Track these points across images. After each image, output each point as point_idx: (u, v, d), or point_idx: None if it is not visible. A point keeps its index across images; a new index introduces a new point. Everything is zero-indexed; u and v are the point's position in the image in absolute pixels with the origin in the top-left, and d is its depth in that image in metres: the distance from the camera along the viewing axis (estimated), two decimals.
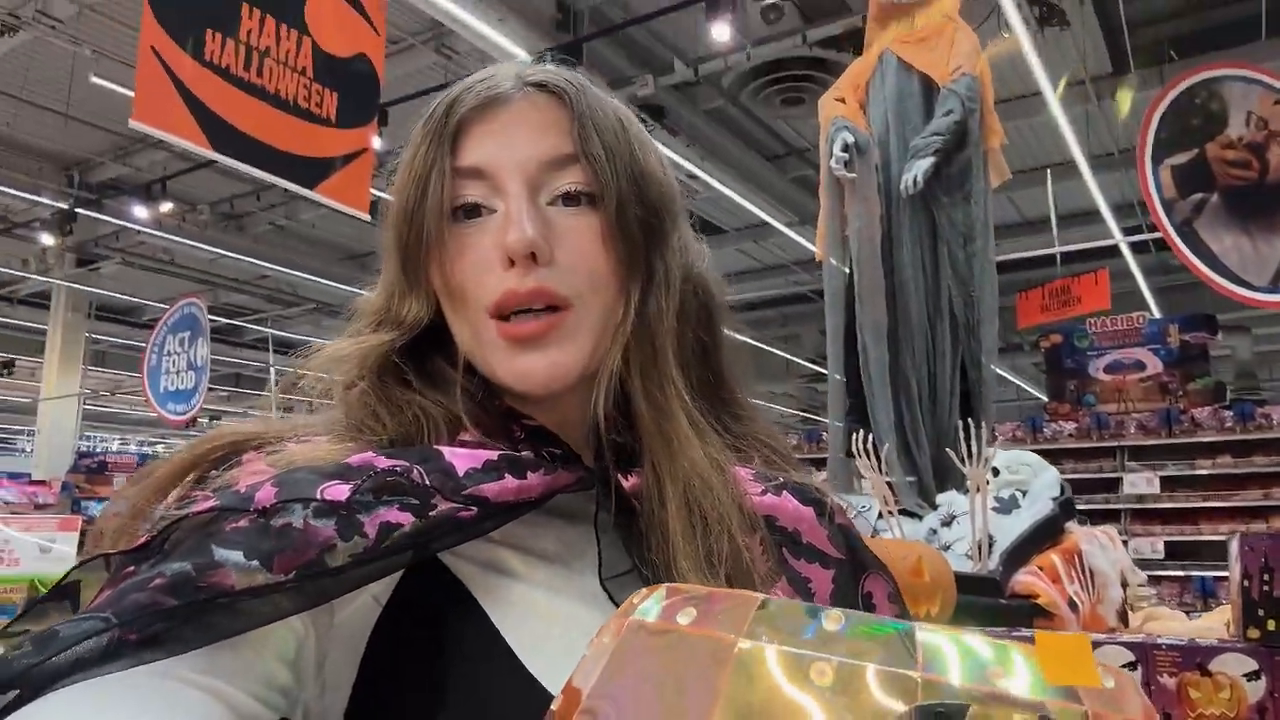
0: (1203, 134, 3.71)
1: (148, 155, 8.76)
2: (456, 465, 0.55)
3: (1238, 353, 12.08)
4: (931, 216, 2.96)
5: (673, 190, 0.68)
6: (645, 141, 0.68)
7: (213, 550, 0.46)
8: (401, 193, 0.64)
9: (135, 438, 22.08)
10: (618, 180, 0.62)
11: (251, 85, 3.75)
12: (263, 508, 0.49)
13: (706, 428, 0.64)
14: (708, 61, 6.73)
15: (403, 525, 0.51)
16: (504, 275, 0.60)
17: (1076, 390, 8.27)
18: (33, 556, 3.04)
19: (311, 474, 0.52)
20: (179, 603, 0.44)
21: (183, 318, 7.70)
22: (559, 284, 0.60)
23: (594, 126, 0.63)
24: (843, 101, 3.06)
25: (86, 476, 7.23)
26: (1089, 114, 7.89)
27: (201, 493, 0.55)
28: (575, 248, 0.61)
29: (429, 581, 0.57)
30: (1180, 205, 3.57)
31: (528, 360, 0.61)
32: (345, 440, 0.60)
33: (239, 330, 13.95)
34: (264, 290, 12.64)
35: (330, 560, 0.48)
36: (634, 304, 0.63)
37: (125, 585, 0.45)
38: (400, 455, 0.55)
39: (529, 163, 0.62)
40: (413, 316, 0.64)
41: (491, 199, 0.62)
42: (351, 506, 0.50)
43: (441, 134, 0.63)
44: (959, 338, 2.91)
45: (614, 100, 0.69)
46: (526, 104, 0.64)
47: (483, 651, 0.55)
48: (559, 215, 0.62)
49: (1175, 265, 11.43)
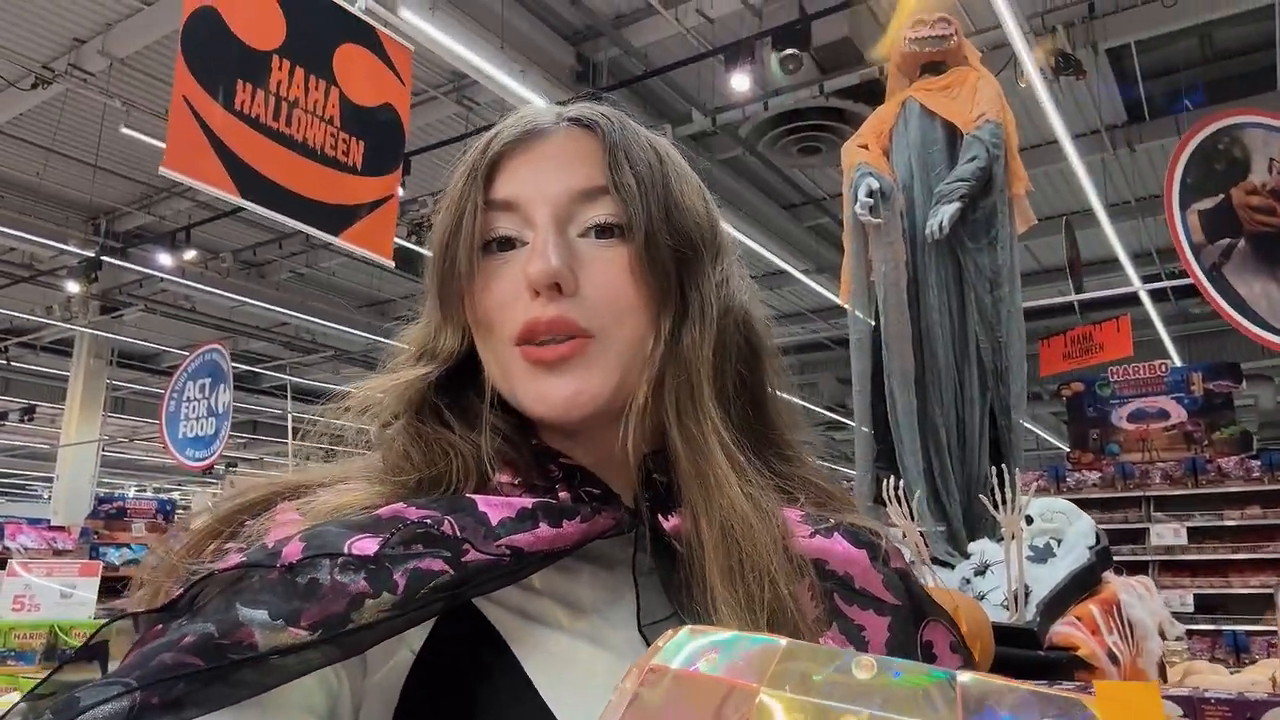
0: (1227, 179, 3.70)
1: (173, 204, 8.91)
2: (490, 515, 0.55)
3: (1261, 402, 11.97)
4: (958, 262, 2.96)
5: (711, 222, 0.67)
6: (685, 174, 0.67)
7: (238, 610, 0.46)
8: (440, 227, 0.64)
9: (151, 484, 22.13)
10: (648, 211, 0.61)
11: (280, 134, 3.81)
12: (289, 564, 0.48)
13: (747, 467, 0.61)
14: (725, 111, 6.81)
15: (434, 577, 0.50)
16: (529, 305, 0.60)
17: (1099, 439, 8.17)
18: (53, 602, 3.03)
19: (340, 528, 0.52)
20: (203, 664, 0.43)
21: (204, 364, 7.74)
22: (581, 315, 0.60)
23: (626, 158, 0.62)
24: (866, 148, 3.07)
25: (105, 522, 7.22)
26: (1105, 162, 7.92)
27: (234, 545, 0.55)
28: (602, 280, 0.61)
29: (463, 628, 0.56)
30: (1209, 250, 3.56)
31: (549, 384, 0.60)
32: (376, 484, 0.60)
33: (257, 377, 14.03)
34: (283, 337, 12.73)
35: (358, 615, 0.47)
36: (664, 336, 0.61)
37: (150, 647, 0.45)
38: (432, 506, 0.54)
39: (559, 195, 0.62)
40: (447, 349, 0.64)
41: (523, 231, 0.62)
42: (381, 560, 0.49)
43: (477, 168, 0.63)
44: (987, 384, 2.88)
45: (655, 134, 0.68)
46: (562, 138, 0.64)
47: (516, 705, 0.54)
48: (589, 247, 0.61)
49: (1195, 314, 11.41)
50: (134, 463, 18.70)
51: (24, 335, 12.20)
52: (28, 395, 13.94)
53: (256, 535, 0.55)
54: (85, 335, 11.14)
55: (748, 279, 0.71)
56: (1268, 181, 3.86)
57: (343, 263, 9.99)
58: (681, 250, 0.63)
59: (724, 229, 0.69)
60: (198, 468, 7.40)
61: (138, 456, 17.50)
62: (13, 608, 2.97)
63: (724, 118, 6.87)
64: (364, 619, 0.47)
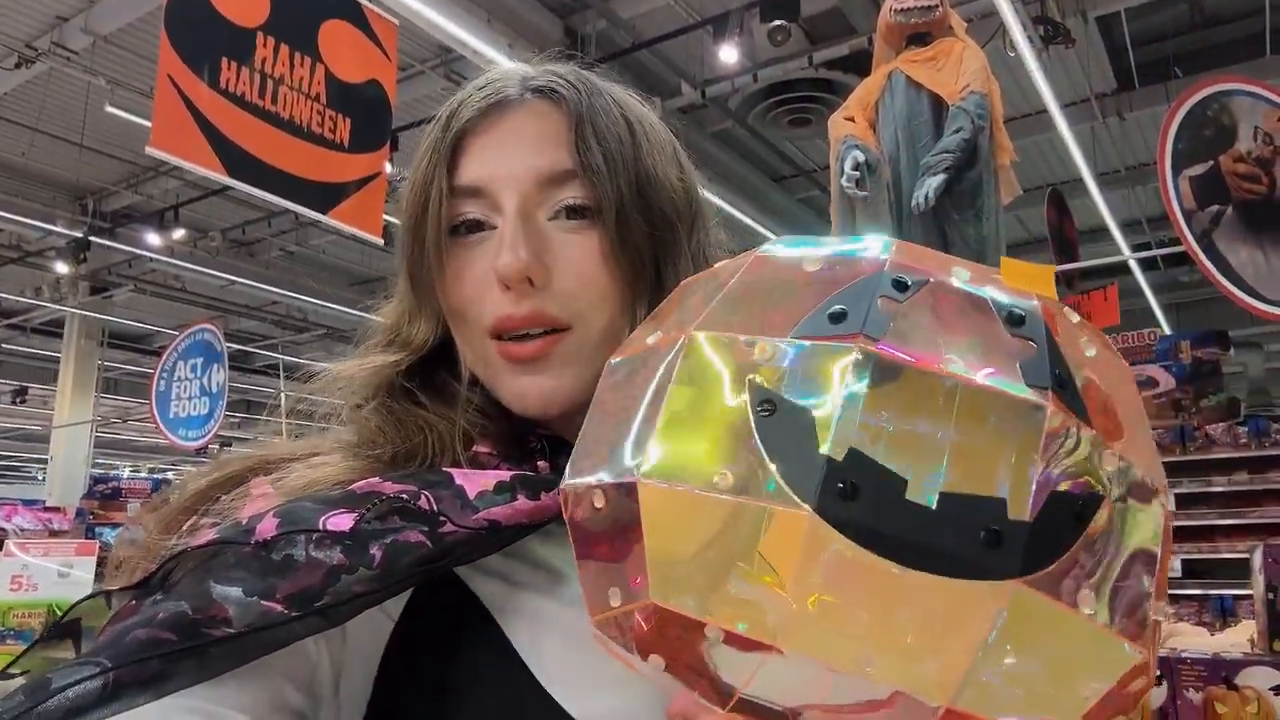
0: (1216, 146, 3.71)
1: (160, 183, 8.85)
2: (467, 487, 0.54)
3: (1250, 369, 12.05)
4: (943, 233, 2.97)
5: (686, 192, 0.65)
6: (657, 141, 0.65)
7: (210, 587, 0.45)
8: (408, 209, 0.62)
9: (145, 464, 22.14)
10: (619, 193, 0.59)
11: (266, 112, 3.79)
12: (264, 540, 0.48)
13: None
14: (714, 84, 6.78)
15: (412, 551, 0.49)
16: (501, 298, 0.59)
17: None
18: (51, 582, 3.06)
19: (315, 503, 0.51)
20: (177, 642, 0.43)
21: (195, 344, 7.73)
22: (556, 307, 0.59)
23: (595, 135, 0.60)
24: (852, 120, 3.08)
25: (100, 502, 7.25)
26: (1095, 131, 7.91)
27: (208, 520, 0.54)
28: (574, 268, 0.59)
29: (443, 596, 0.56)
30: (1199, 216, 3.57)
31: (525, 382, 0.59)
32: (350, 460, 0.59)
33: (249, 356, 14.00)
34: (274, 316, 12.69)
35: (334, 589, 0.47)
36: (640, 320, 0.59)
37: (124, 625, 0.44)
38: (408, 479, 0.54)
39: (525, 179, 0.59)
40: (421, 337, 0.63)
41: (491, 215, 0.60)
42: (357, 535, 0.49)
43: (440, 148, 0.61)
44: None
45: (628, 98, 0.66)
46: (526, 113, 0.62)
47: (499, 672, 0.54)
48: (558, 232, 0.60)
49: (1184, 281, 11.44)
50: (128, 443, 18.69)
51: (14, 317, 12.15)
52: (19, 377, 13.90)
53: (230, 510, 0.55)
54: (75, 316, 11.10)
55: (725, 245, 0.70)
56: (1253, 149, 3.87)
57: (332, 241, 9.95)
58: (655, 229, 0.61)
59: (700, 195, 0.67)
60: (191, 448, 7.42)
61: (132, 437, 17.49)
62: (10, 588, 2.99)
63: (713, 90, 6.84)
64: (341, 594, 0.47)
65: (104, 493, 7.49)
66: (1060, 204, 6.63)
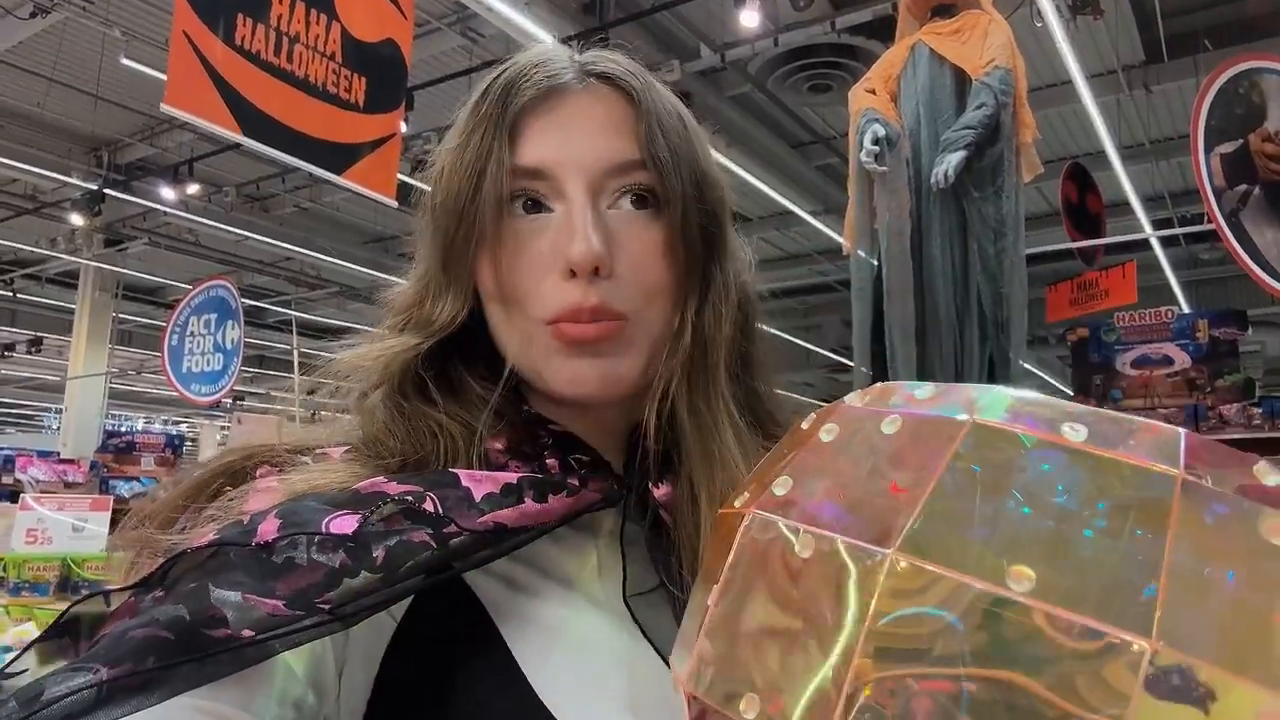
0: (1245, 124, 3.65)
1: (175, 136, 8.82)
2: (473, 490, 0.53)
3: (1268, 348, 11.94)
4: (962, 211, 2.94)
5: (728, 193, 0.65)
6: (700, 136, 0.64)
7: (210, 591, 0.44)
8: (450, 182, 0.59)
9: (159, 416, 22.34)
10: (682, 186, 0.59)
11: (281, 71, 3.76)
12: (264, 541, 0.47)
13: (751, 442, 0.61)
14: (735, 47, 6.69)
15: (416, 554, 0.49)
16: (565, 286, 0.57)
17: (1103, 385, 8.17)
18: (65, 536, 3.10)
19: (318, 503, 0.50)
20: (174, 650, 0.42)
21: (208, 299, 7.76)
22: (617, 298, 0.58)
23: (660, 128, 0.59)
24: (873, 93, 3.03)
25: (115, 456, 7.32)
26: (1120, 103, 7.78)
27: (212, 510, 0.54)
28: (636, 259, 0.58)
29: (445, 596, 0.55)
30: (1229, 195, 3.52)
31: (580, 365, 0.58)
32: (356, 462, 0.58)
33: (262, 312, 14.04)
34: (288, 272, 12.71)
35: (335, 592, 0.46)
36: (690, 317, 0.60)
37: (121, 627, 0.44)
38: (413, 480, 0.53)
39: (593, 166, 0.58)
40: (445, 317, 0.60)
41: (551, 199, 0.59)
42: (360, 538, 0.48)
43: (499, 123, 0.58)
44: (987, 335, 2.89)
45: (670, 93, 0.65)
46: (589, 98, 0.60)
47: (497, 680, 0.54)
48: (620, 221, 0.59)
49: (1204, 259, 11.32)
50: (142, 395, 18.84)
51: (29, 267, 12.19)
52: (34, 327, 13.99)
53: (236, 499, 0.54)
54: (90, 268, 11.13)
55: (744, 247, 0.69)
56: None
57: (347, 198, 9.92)
58: (708, 226, 0.61)
59: (731, 194, 0.66)
60: (205, 403, 7.48)
61: (145, 389, 17.63)
62: (26, 541, 3.04)
63: (733, 54, 6.74)
64: (343, 596, 0.46)
65: (118, 446, 7.56)
66: (1083, 177, 6.53)
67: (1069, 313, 7.34)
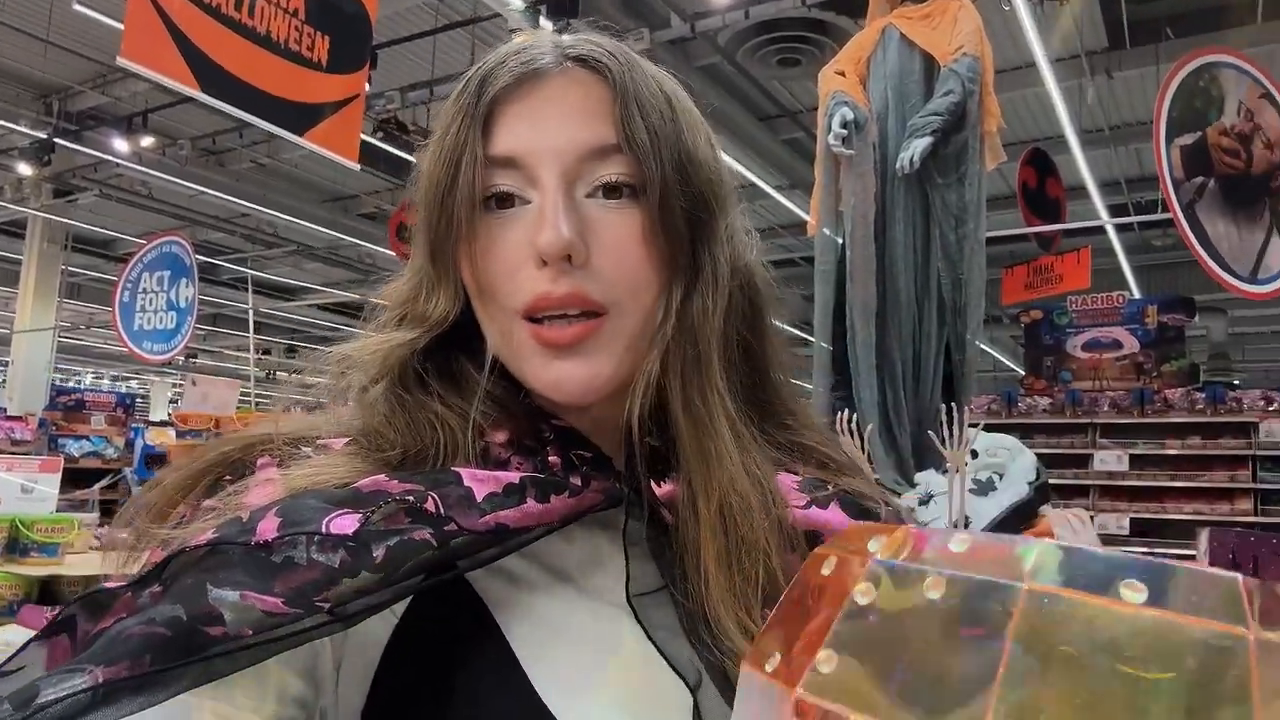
0: (1204, 117, 3.72)
1: (129, 86, 8.56)
2: (475, 489, 0.52)
3: (1212, 334, 12.22)
4: (925, 197, 2.97)
5: (722, 175, 0.62)
6: (694, 119, 0.62)
7: (208, 590, 0.44)
8: (432, 175, 0.59)
9: (109, 372, 21.90)
10: (662, 170, 0.56)
11: (242, 26, 3.67)
12: (264, 540, 0.46)
13: (748, 438, 0.60)
14: (705, 18, 6.64)
15: (417, 554, 0.48)
16: (537, 276, 0.56)
17: (1053, 366, 8.37)
18: (14, 497, 3.04)
19: (318, 501, 0.49)
20: (171, 649, 0.42)
21: (161, 256, 7.59)
22: (595, 289, 0.56)
23: (639, 110, 0.57)
24: (843, 75, 3.04)
25: (64, 414, 7.17)
26: (1081, 88, 7.88)
27: (214, 501, 0.53)
28: (614, 248, 0.57)
29: (446, 594, 0.54)
30: (1186, 186, 3.59)
31: (562, 368, 0.57)
32: (357, 456, 0.57)
33: (217, 269, 13.78)
34: (244, 229, 12.46)
35: (334, 591, 0.46)
36: (675, 306, 0.58)
37: (120, 626, 0.43)
38: (414, 479, 0.52)
39: (567, 152, 0.56)
40: (439, 312, 0.60)
41: (526, 189, 0.57)
42: (360, 537, 0.47)
43: (474, 114, 0.57)
44: (945, 320, 2.94)
45: (660, 71, 0.62)
46: (566, 82, 0.58)
47: (496, 677, 0.53)
48: (598, 209, 0.57)
49: (1156, 245, 11.54)
50: (91, 350, 18.45)
51: None
52: None
53: (236, 493, 0.53)
54: (38, 219, 10.82)
55: (750, 230, 0.67)
56: (1236, 124, 3.89)
57: (306, 155, 9.72)
58: (695, 211, 0.59)
59: (729, 176, 0.64)
60: (156, 361, 7.35)
61: (95, 344, 17.26)
62: None
63: (703, 24, 6.69)
64: (343, 595, 0.46)
65: (67, 404, 7.40)
66: (1043, 163, 6.60)
67: (1024, 295, 7.48)
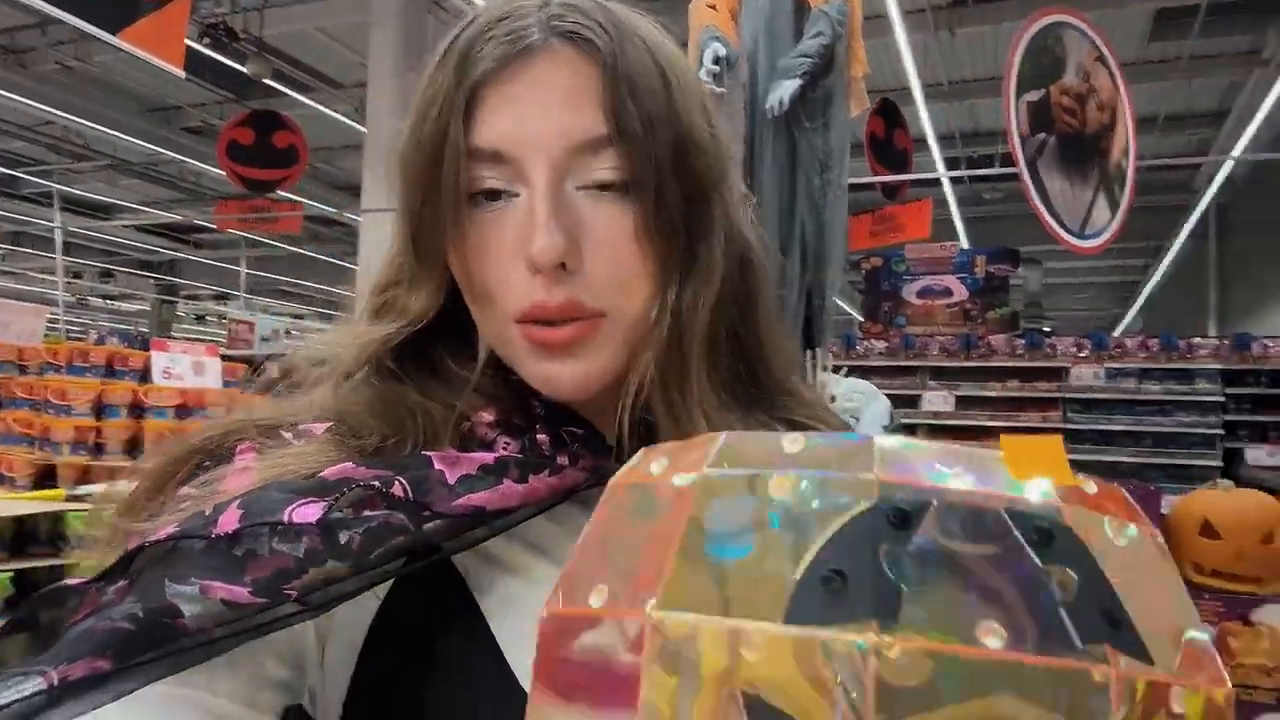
0: (1049, 75, 3.87)
1: None
2: (447, 473, 0.51)
3: (1029, 284, 13.15)
4: (793, 140, 2.96)
5: (718, 151, 0.59)
6: (691, 93, 0.58)
7: (167, 585, 0.44)
8: (410, 163, 0.56)
9: None
10: (657, 162, 0.54)
11: None
12: (225, 533, 0.46)
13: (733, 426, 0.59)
14: None
15: (385, 540, 0.48)
16: (530, 282, 0.54)
17: (890, 312, 8.80)
18: None
19: (282, 491, 0.48)
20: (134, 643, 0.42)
21: None
22: (589, 295, 0.54)
23: (632, 94, 0.53)
24: (714, 9, 2.97)
25: None
26: (925, 43, 8.13)
27: (188, 490, 0.52)
28: (607, 249, 0.54)
29: (428, 577, 0.54)
30: (1030, 142, 3.74)
31: (555, 367, 0.55)
32: (332, 444, 0.55)
33: (17, 181, 12.52)
34: (48, 139, 11.37)
35: (301, 584, 0.46)
36: (669, 304, 0.56)
37: (85, 624, 0.43)
38: (381, 465, 0.51)
39: (556, 146, 0.53)
40: (418, 307, 0.58)
41: (513, 183, 0.54)
42: (324, 525, 0.47)
43: (454, 100, 0.53)
44: (807, 265, 2.96)
45: (655, 34, 0.58)
46: (552, 64, 0.54)
47: (475, 661, 0.54)
48: (589, 204, 0.54)
49: (987, 198, 12.22)
50: None
51: None
52: None
53: (213, 480, 0.52)
54: None
55: (746, 199, 0.64)
56: (1075, 85, 4.07)
57: (121, 58, 8.88)
58: (691, 198, 0.56)
59: (725, 146, 0.61)
60: None
61: None
62: None
63: None
64: (309, 586, 0.46)
65: None
66: (892, 114, 6.81)
67: (867, 243, 7.75)
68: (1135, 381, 7.42)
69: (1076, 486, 0.32)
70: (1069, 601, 0.29)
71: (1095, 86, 4.22)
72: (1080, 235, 4.12)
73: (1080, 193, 4.11)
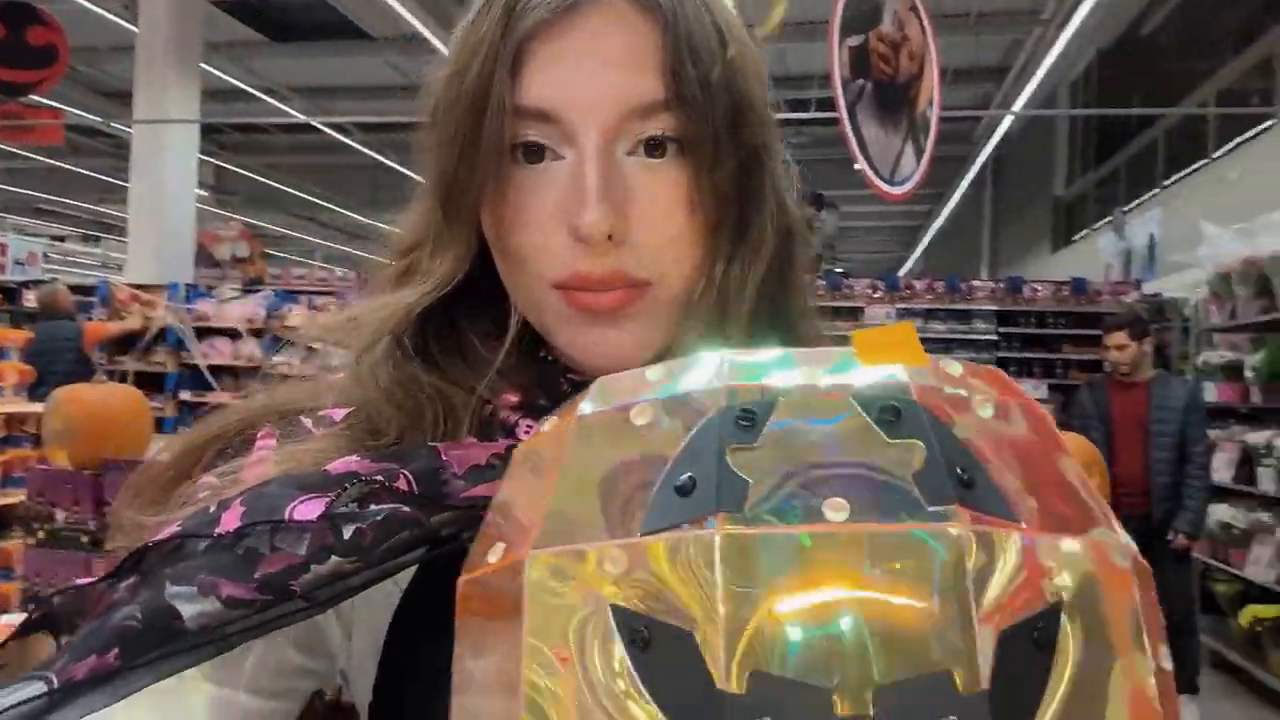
0: (869, 21, 3.96)
1: None
2: (453, 463, 0.50)
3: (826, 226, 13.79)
4: None
5: (770, 117, 0.57)
6: (748, 55, 0.55)
7: (165, 588, 0.44)
8: (448, 117, 0.53)
9: None
10: (714, 128, 0.51)
11: None
12: (228, 531, 0.46)
13: None
14: None
15: (392, 534, 0.46)
16: (574, 250, 0.51)
17: None
18: None
19: (285, 487, 0.48)
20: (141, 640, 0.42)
21: None
22: (636, 265, 0.52)
23: (691, 56, 0.50)
24: None
25: None
26: None
27: (207, 479, 0.53)
28: (656, 218, 0.52)
29: (446, 567, 0.51)
30: (851, 87, 3.81)
31: (598, 335, 0.53)
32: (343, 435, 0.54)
33: None
34: None
35: (305, 581, 0.45)
36: (717, 277, 0.54)
37: (93, 625, 0.44)
38: (387, 458, 0.50)
39: (609, 109, 0.50)
40: (446, 270, 0.55)
41: (560, 145, 0.52)
42: (330, 521, 0.46)
43: (499, 53, 0.50)
44: None
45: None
46: (608, 21, 0.51)
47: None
48: (639, 169, 0.52)
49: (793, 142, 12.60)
50: None
51: None
52: None
53: (231, 474, 0.53)
54: None
55: (789, 160, 0.62)
56: (890, 33, 4.20)
57: None
58: (743, 166, 0.54)
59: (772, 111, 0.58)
60: None
61: None
62: None
63: None
64: (314, 583, 0.45)
65: None
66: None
67: None
68: (922, 321, 7.96)
69: (934, 366, 0.35)
70: (918, 470, 0.31)
71: (908, 35, 4.37)
72: (890, 182, 4.30)
73: (891, 139, 4.27)
